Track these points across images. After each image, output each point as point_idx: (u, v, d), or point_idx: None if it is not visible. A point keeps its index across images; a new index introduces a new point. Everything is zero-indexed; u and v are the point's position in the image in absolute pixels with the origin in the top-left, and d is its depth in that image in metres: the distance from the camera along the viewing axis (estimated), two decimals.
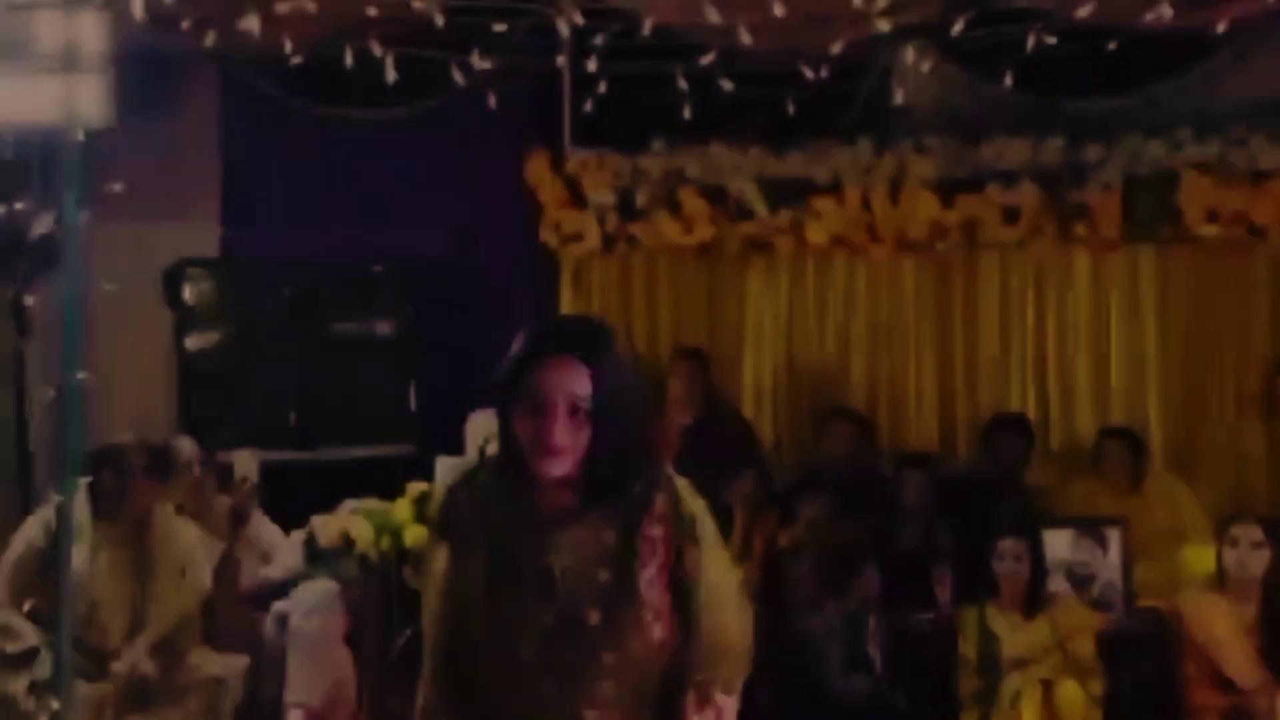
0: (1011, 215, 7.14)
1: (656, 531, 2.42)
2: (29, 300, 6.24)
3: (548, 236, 7.59)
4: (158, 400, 7.66)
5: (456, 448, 6.86)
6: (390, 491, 6.68)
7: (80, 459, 4.51)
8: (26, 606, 5.30)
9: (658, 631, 2.41)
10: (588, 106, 7.03)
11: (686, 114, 6.94)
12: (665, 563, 2.42)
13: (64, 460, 4.47)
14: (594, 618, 2.37)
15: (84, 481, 4.98)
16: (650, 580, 2.40)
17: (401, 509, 6.43)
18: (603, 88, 6.91)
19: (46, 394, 4.53)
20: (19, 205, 5.64)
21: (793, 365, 7.51)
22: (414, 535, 6.15)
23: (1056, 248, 7.19)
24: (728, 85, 6.72)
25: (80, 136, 4.65)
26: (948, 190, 7.18)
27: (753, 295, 7.52)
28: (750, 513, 6.52)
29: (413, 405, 7.68)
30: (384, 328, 7.72)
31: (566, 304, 7.52)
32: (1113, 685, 5.75)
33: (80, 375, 4.45)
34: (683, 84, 6.81)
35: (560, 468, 2.39)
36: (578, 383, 2.38)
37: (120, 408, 7.17)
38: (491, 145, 7.63)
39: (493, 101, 6.93)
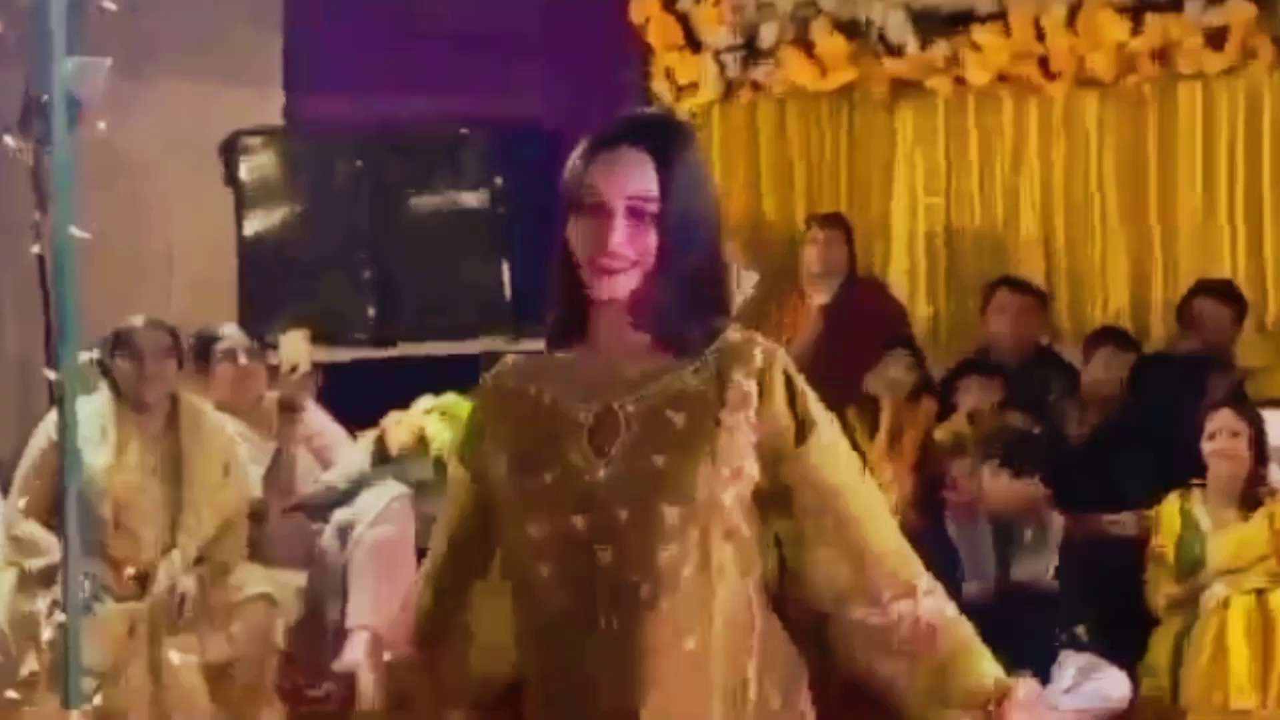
0: (1217, 39, 6.81)
1: (751, 386, 2.27)
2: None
3: (659, 86, 7.46)
4: (217, 291, 7.57)
5: None
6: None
7: (75, 329, 4.32)
8: (21, 504, 5.18)
9: (732, 495, 2.25)
10: None
11: None
12: (756, 427, 2.27)
13: (59, 330, 4.27)
14: (659, 462, 2.24)
15: (91, 360, 4.84)
16: (733, 427, 2.25)
17: None
18: None
19: (30, 252, 4.33)
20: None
21: (951, 230, 7.30)
22: None
23: (1273, 77, 6.86)
24: None
25: None
26: (1137, 11, 6.86)
27: (902, 148, 7.31)
28: (900, 403, 6.38)
29: (507, 291, 7.48)
30: (471, 200, 7.56)
31: None
32: None
33: (74, 232, 4.25)
34: None
35: (620, 285, 2.25)
36: (639, 178, 2.24)
37: (175, 298, 7.15)
38: None
39: None
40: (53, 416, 5.33)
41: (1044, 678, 5.58)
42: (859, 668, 2.31)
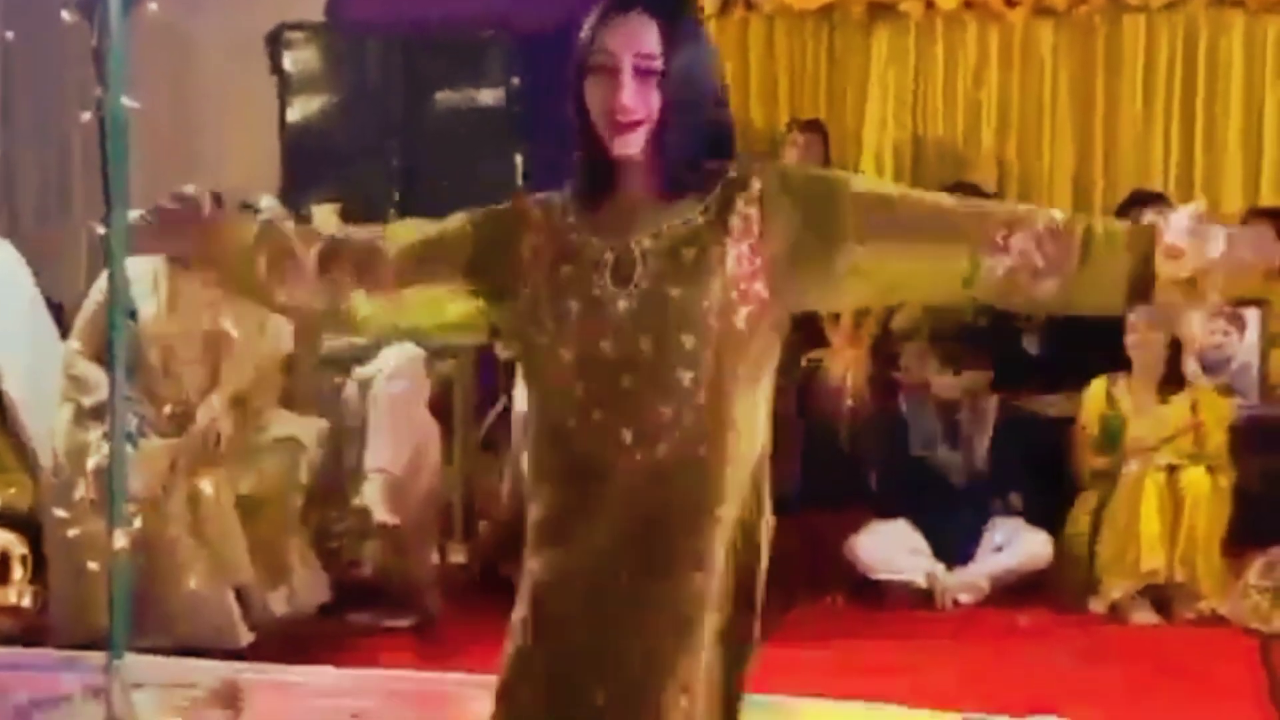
0: None
1: (752, 211, 2.21)
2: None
3: None
4: (261, 168, 7.44)
5: None
6: None
7: (124, 191, 4.18)
8: (78, 346, 5.09)
9: (743, 316, 2.20)
10: None
11: None
12: (759, 245, 2.21)
13: (108, 192, 4.14)
14: (674, 294, 2.19)
15: (141, 218, 4.73)
16: (740, 257, 2.20)
17: None
18: None
19: (82, 118, 4.18)
20: None
21: (917, 139, 7.16)
22: None
23: (1209, 10, 6.76)
24: None
25: None
26: None
27: (877, 63, 7.15)
28: None
29: (518, 181, 7.34)
30: (489, 98, 7.38)
31: None
32: (1244, 474, 5.33)
33: (126, 102, 4.10)
34: None
35: (634, 142, 2.20)
36: (645, 38, 2.18)
37: (224, 173, 7.02)
38: None
39: None
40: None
41: (978, 537, 5.55)
42: (1027, 308, 2.27)
